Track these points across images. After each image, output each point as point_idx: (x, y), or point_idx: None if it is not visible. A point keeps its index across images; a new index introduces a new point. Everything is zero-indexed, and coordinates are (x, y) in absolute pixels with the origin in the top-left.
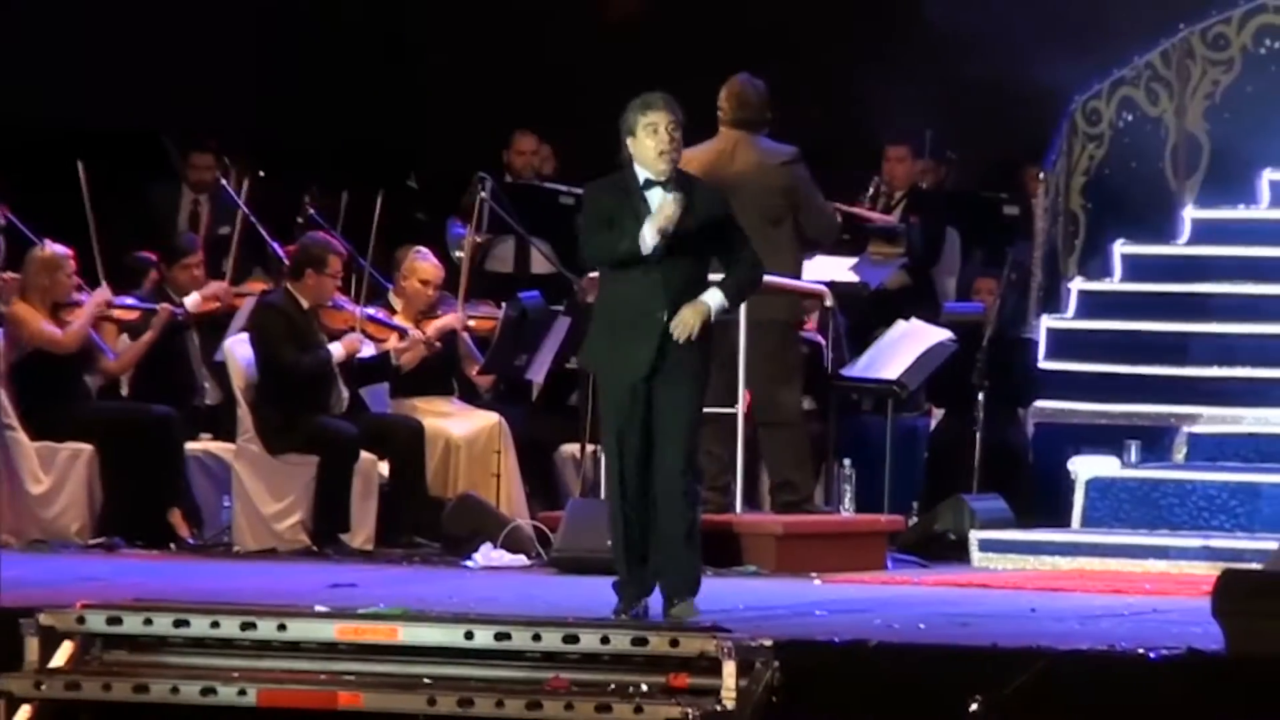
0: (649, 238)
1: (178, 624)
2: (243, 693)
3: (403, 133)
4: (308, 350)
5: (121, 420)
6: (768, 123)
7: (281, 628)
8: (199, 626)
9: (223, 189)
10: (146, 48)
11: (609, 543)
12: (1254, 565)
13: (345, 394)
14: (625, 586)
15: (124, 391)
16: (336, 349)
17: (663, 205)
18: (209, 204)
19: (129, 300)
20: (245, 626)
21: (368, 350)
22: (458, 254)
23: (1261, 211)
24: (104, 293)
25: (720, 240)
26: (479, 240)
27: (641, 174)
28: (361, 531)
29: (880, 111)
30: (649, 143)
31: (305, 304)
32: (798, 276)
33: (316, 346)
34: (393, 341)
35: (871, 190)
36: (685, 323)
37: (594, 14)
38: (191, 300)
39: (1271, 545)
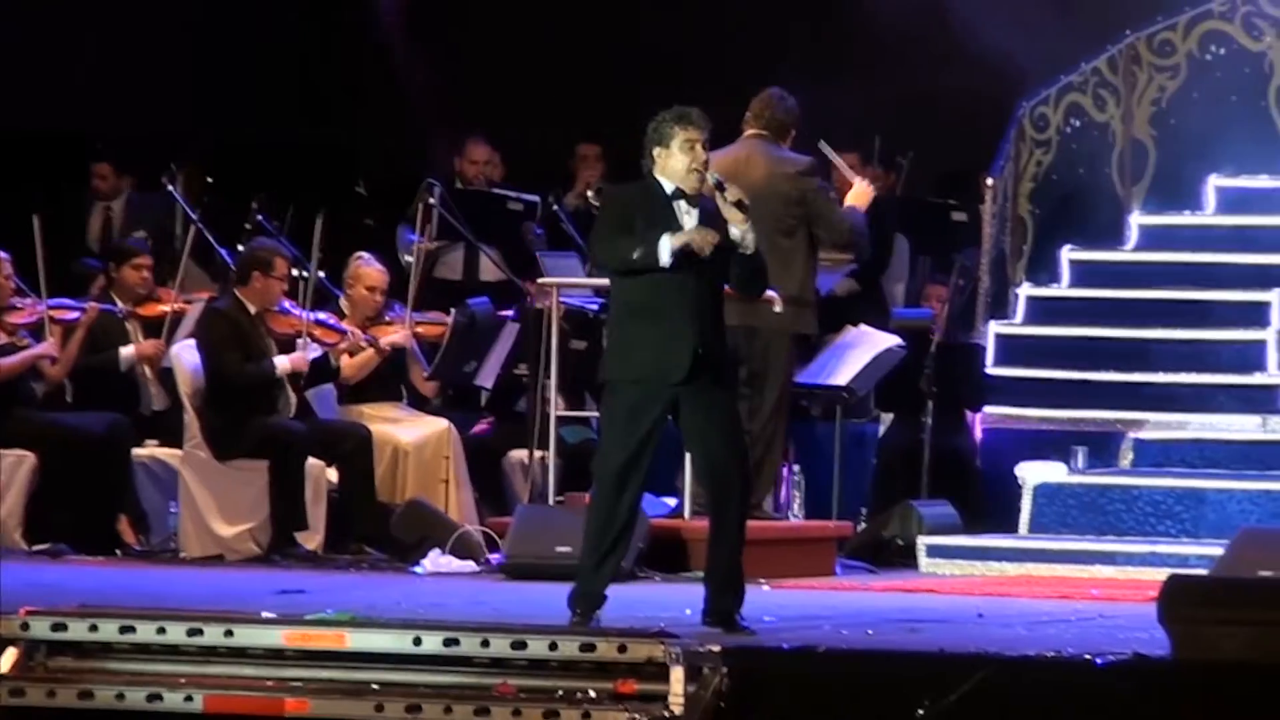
0: (666, 251)
1: (123, 630)
2: (189, 699)
3: (351, 138)
4: (252, 359)
5: (67, 427)
6: (789, 137)
7: (228, 634)
8: (145, 632)
9: (134, 196)
10: (92, 52)
11: (557, 549)
12: (1200, 571)
13: (293, 399)
14: (582, 598)
15: (68, 398)
16: (282, 362)
17: (700, 233)
18: (123, 211)
19: (66, 302)
20: (192, 633)
21: (314, 353)
22: (407, 259)
23: (1207, 217)
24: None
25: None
26: (430, 247)
27: (669, 184)
28: (310, 537)
29: (827, 120)
30: (683, 158)
31: (253, 309)
32: (809, 288)
33: (262, 356)
34: (341, 344)
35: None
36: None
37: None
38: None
39: (1217, 551)
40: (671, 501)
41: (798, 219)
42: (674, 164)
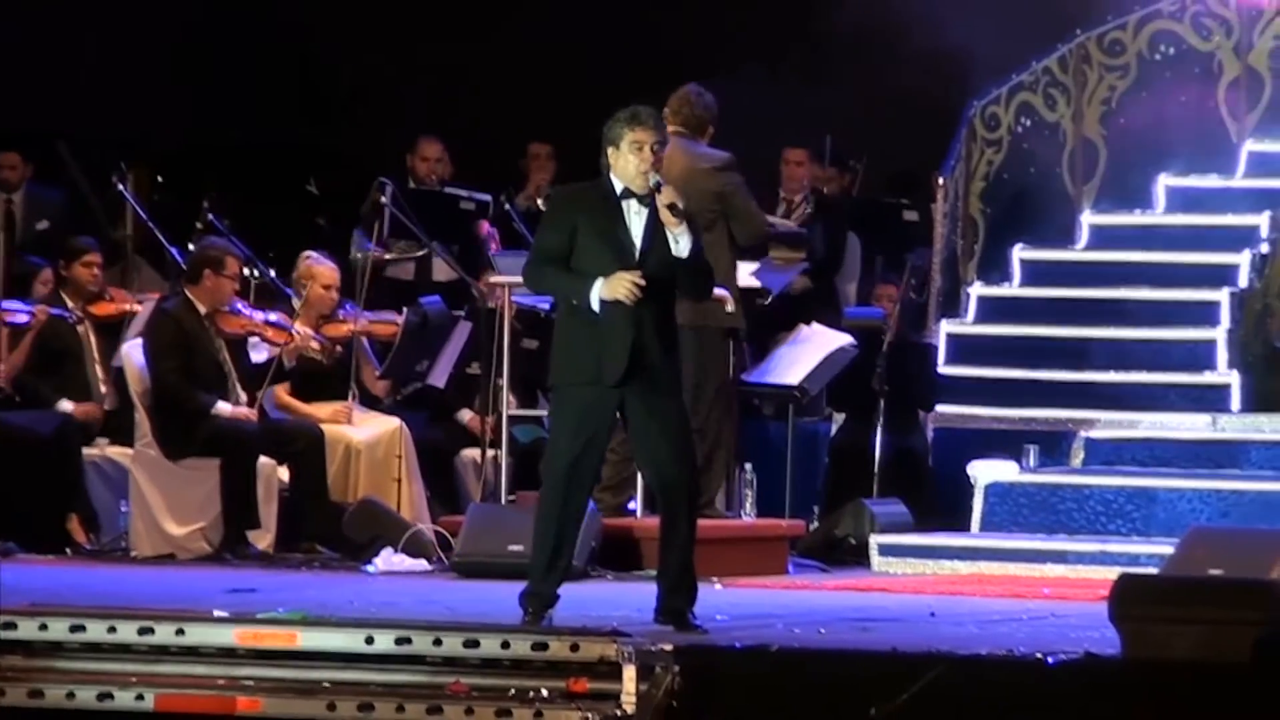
0: (596, 301)
1: (74, 629)
2: (140, 698)
3: (304, 137)
4: (198, 374)
5: (16, 426)
6: (707, 133)
7: (180, 632)
8: (95, 631)
9: (32, 187)
10: (45, 48)
11: (509, 548)
12: (1150, 570)
13: (243, 397)
14: (533, 597)
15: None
16: (224, 408)
17: (623, 285)
18: (22, 202)
19: (15, 305)
20: (143, 631)
21: (264, 353)
22: (357, 255)
23: (1157, 216)
24: None
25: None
26: (386, 258)
27: (619, 185)
28: (262, 536)
29: (779, 119)
30: (632, 159)
31: (203, 309)
32: (731, 282)
33: (211, 353)
34: (290, 344)
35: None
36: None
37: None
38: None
39: (1167, 549)
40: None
41: (716, 214)
42: (623, 164)
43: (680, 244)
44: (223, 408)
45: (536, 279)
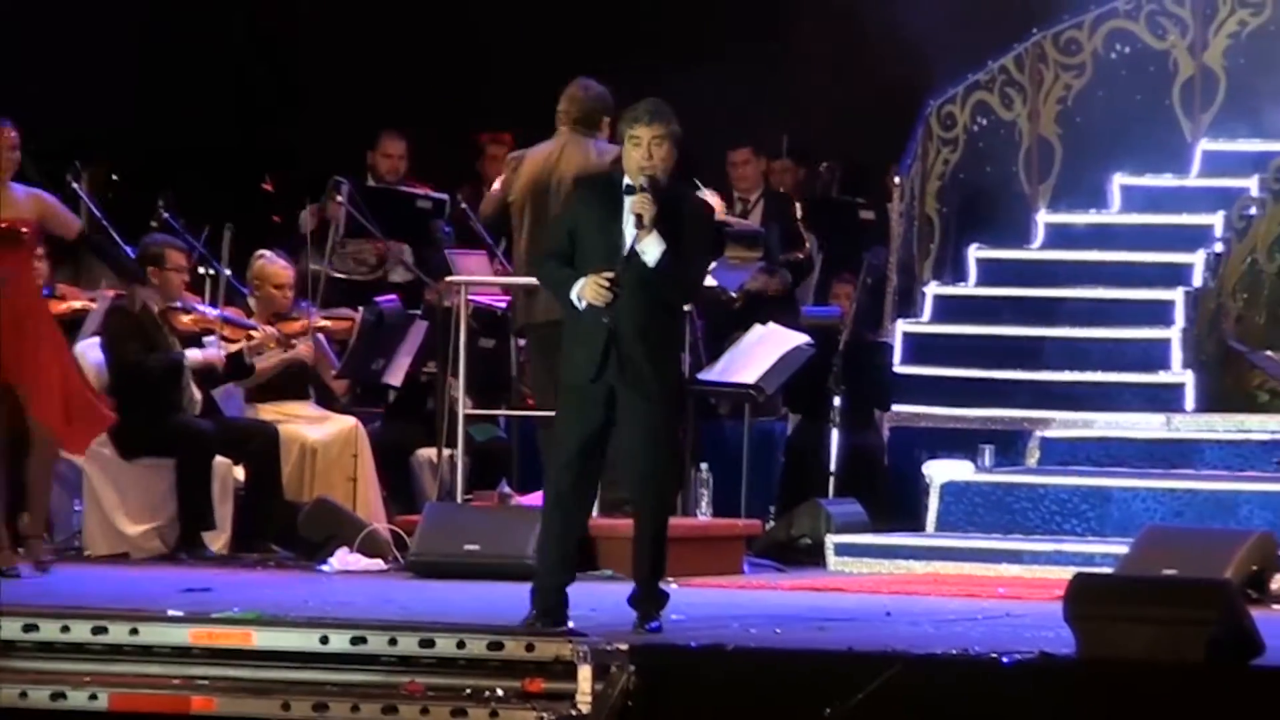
0: (577, 301)
1: (27, 629)
2: (94, 697)
3: (260, 134)
4: (157, 350)
5: None
6: (602, 126)
7: (134, 632)
8: (48, 631)
9: None
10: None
11: (465, 547)
12: (1105, 569)
13: (198, 396)
14: (536, 594)
15: None
16: (194, 354)
17: (591, 287)
18: None
19: None
20: (96, 631)
21: (225, 350)
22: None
23: (1113, 216)
24: None
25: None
26: (338, 275)
27: (626, 178)
28: (217, 536)
29: (734, 115)
30: (633, 154)
31: (155, 306)
32: None
33: (168, 349)
34: (252, 343)
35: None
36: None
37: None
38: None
39: (1122, 549)
40: None
41: None
42: (627, 159)
43: (646, 253)
44: (193, 354)
45: (538, 272)
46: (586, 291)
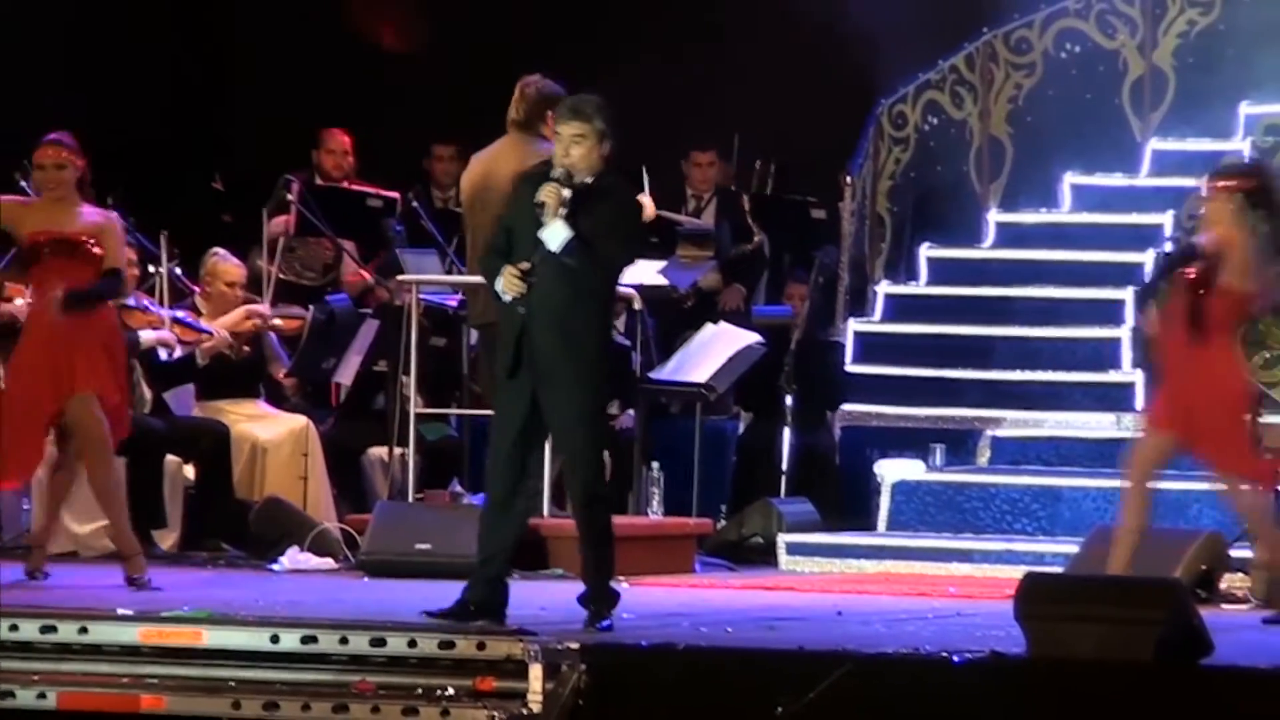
0: (504, 294)
1: None
2: (42, 696)
3: (210, 132)
4: None
5: None
6: (544, 123)
7: (83, 631)
8: None
9: None
10: None
11: (416, 546)
12: (1056, 568)
13: (148, 394)
14: (469, 594)
15: None
16: (148, 335)
17: (503, 280)
18: None
19: None
20: (45, 630)
21: (172, 352)
22: (259, 263)
23: (1063, 215)
24: None
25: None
26: (284, 277)
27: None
28: (167, 535)
29: (685, 115)
30: (556, 150)
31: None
32: None
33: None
34: (205, 343)
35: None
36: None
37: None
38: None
39: (1073, 548)
40: None
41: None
42: (554, 155)
43: (549, 241)
44: (146, 335)
45: (480, 270)
46: (498, 285)
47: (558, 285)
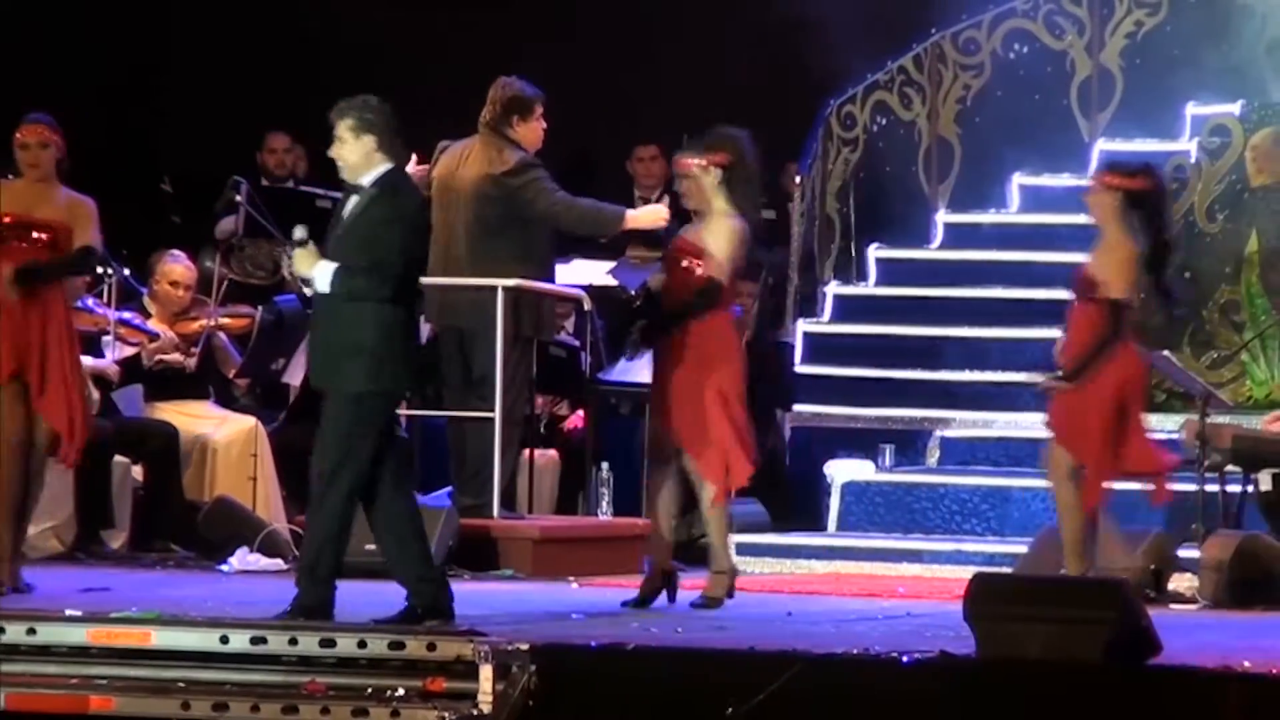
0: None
1: None
2: None
3: (156, 134)
4: None
5: None
6: (513, 124)
7: (31, 631)
8: None
9: None
10: None
11: (365, 547)
12: (1005, 569)
13: (95, 396)
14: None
15: None
16: (86, 361)
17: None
18: None
19: None
20: None
21: (121, 353)
22: (208, 264)
23: (1011, 216)
24: None
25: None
26: (233, 277)
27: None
28: (116, 535)
29: (632, 113)
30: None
31: None
32: (530, 292)
33: None
34: (145, 345)
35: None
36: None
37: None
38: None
39: (1022, 549)
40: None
41: (501, 218)
42: None
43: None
44: (84, 361)
45: None
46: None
47: (326, 295)
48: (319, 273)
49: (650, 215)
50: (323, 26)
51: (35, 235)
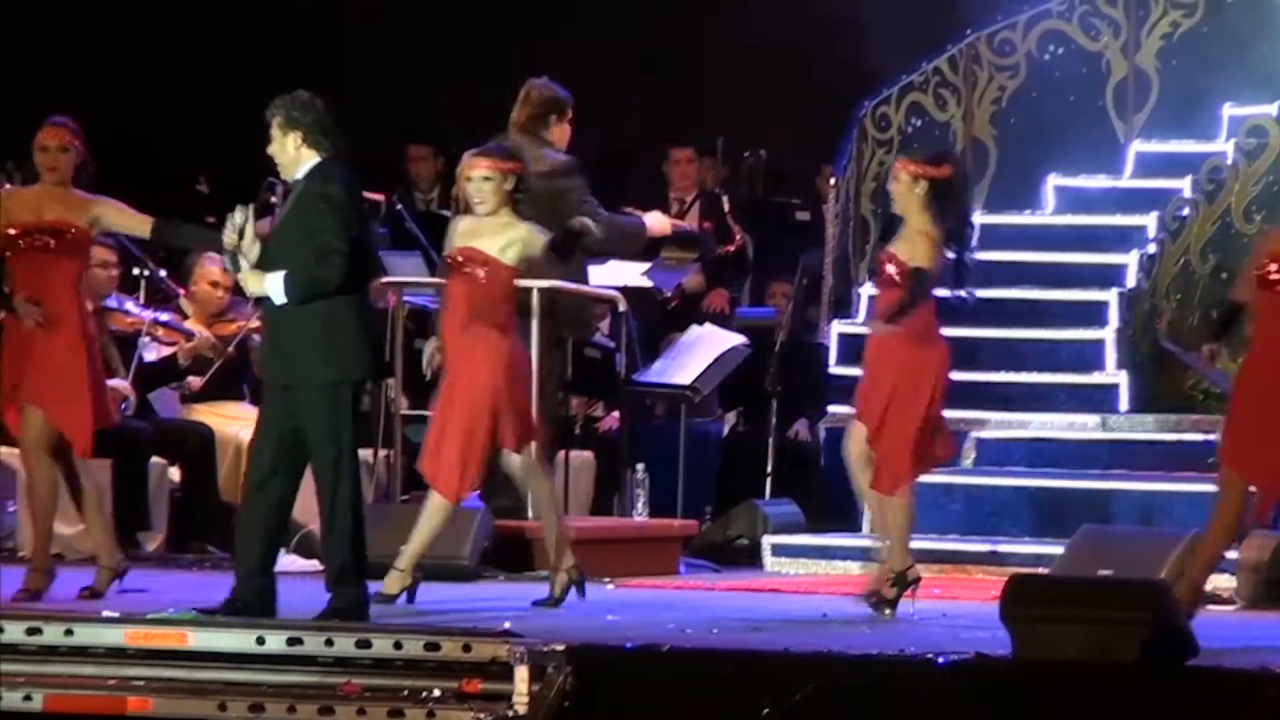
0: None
1: None
2: (28, 698)
3: (193, 134)
4: None
5: None
6: (550, 127)
7: (69, 633)
8: None
9: None
10: None
11: (402, 548)
12: (1041, 570)
13: (131, 398)
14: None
15: None
16: (114, 383)
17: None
18: None
19: None
20: (31, 631)
21: (155, 353)
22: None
23: (1047, 217)
24: None
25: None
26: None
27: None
28: (152, 537)
29: (670, 115)
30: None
31: (89, 305)
32: (565, 293)
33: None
34: (182, 345)
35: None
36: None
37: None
38: None
39: (1057, 550)
40: None
41: (546, 220)
42: None
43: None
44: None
45: None
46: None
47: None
48: (270, 288)
49: (662, 224)
50: (362, 26)
51: (47, 241)
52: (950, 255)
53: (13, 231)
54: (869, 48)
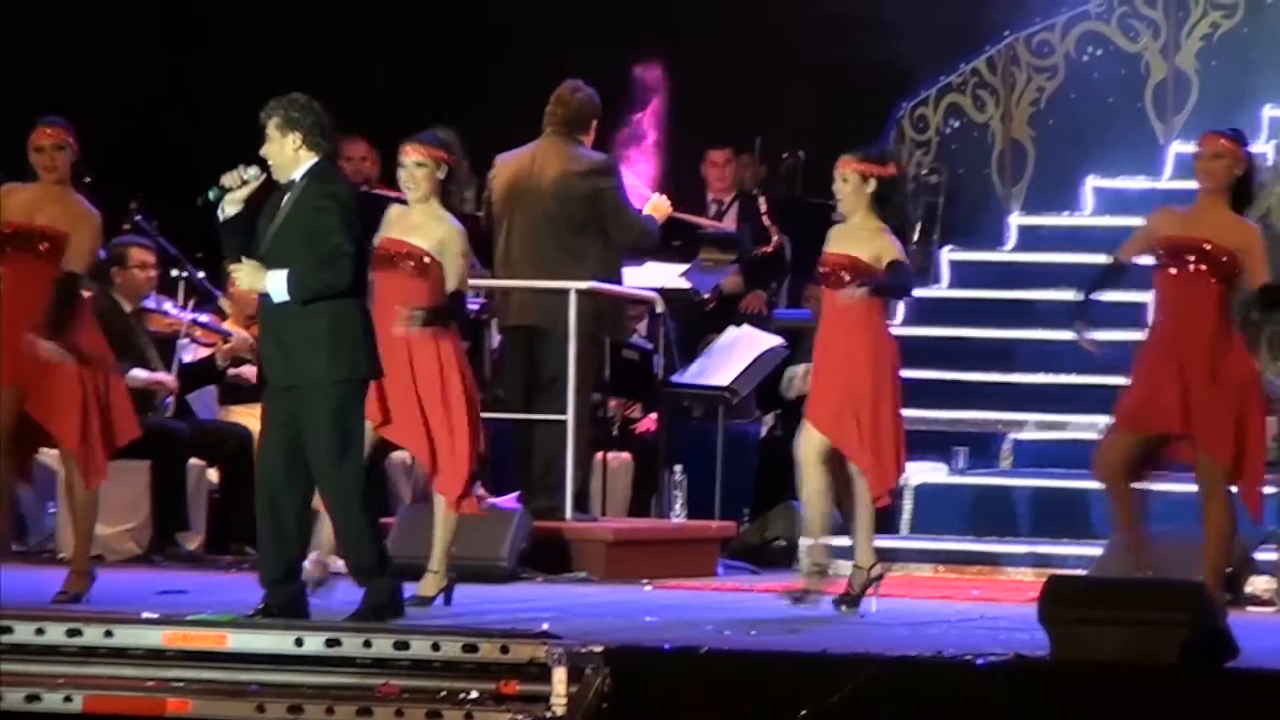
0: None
1: (1, 630)
2: (68, 699)
3: (234, 138)
4: (130, 351)
5: None
6: (589, 130)
7: (108, 634)
8: (23, 633)
9: None
10: None
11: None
12: (1079, 571)
13: (170, 399)
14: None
15: None
16: (139, 374)
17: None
18: None
19: None
20: (71, 633)
21: (194, 354)
22: None
23: (1085, 218)
24: None
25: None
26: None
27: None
28: (191, 538)
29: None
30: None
31: (128, 307)
32: (611, 283)
33: (141, 350)
34: (220, 346)
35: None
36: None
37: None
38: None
39: (1096, 551)
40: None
41: (586, 216)
42: None
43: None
44: (137, 374)
45: None
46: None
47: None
48: (270, 284)
49: (665, 209)
50: (394, 32)
51: (38, 245)
52: None
53: (6, 231)
54: (907, 49)
